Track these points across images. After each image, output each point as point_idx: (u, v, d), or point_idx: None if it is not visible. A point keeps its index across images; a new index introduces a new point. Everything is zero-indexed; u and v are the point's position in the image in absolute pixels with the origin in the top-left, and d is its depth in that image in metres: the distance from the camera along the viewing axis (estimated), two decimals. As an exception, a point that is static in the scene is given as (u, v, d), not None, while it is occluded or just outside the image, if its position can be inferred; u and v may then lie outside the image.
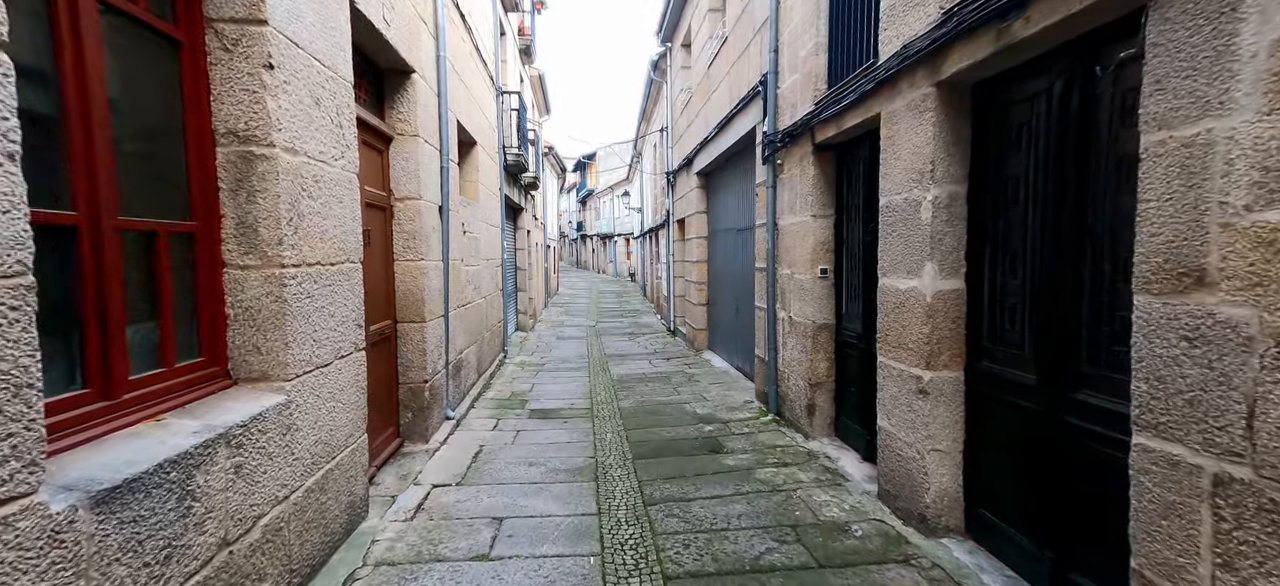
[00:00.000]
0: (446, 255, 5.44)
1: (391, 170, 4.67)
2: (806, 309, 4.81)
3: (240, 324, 2.45)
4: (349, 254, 3.17)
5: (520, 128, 10.75)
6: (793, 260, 5.08)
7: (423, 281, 4.80)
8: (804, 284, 4.85)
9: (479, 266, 7.43)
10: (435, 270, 5.15)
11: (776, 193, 5.49)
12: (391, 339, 4.67)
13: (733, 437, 5.09)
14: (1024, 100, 2.60)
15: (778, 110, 5.40)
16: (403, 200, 4.71)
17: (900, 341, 3.24)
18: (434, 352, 5.05)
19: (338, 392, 3.01)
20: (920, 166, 3.02)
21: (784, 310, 5.36)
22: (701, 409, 6.16)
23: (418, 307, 4.79)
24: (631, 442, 5.04)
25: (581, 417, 5.92)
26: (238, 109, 2.39)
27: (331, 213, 2.96)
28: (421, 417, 4.84)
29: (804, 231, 4.81)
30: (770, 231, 5.53)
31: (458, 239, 6.07)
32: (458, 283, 6.07)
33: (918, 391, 3.07)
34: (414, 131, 4.70)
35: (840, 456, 4.36)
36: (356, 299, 3.28)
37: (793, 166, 5.05)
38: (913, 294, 3.11)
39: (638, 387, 7.34)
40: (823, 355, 4.74)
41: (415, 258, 4.77)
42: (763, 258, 5.96)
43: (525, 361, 9.51)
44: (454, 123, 5.96)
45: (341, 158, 3.10)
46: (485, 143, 8.06)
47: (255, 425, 2.24)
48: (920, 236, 3.03)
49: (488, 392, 7.14)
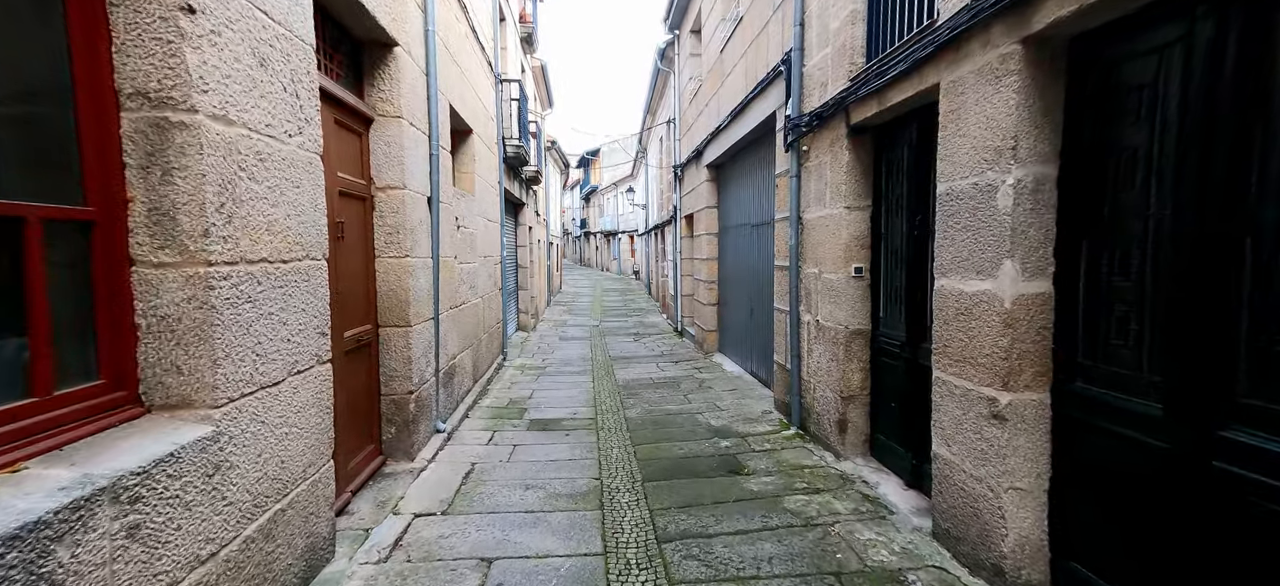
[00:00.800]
0: (436, 251, 4.93)
1: (371, 156, 4.16)
2: (837, 312, 4.28)
3: (154, 337, 1.94)
4: (309, 249, 2.66)
5: (521, 118, 10.23)
6: (820, 258, 4.55)
7: (408, 281, 4.29)
8: (834, 284, 4.32)
9: (475, 264, 6.92)
10: (423, 268, 4.64)
11: (801, 183, 4.95)
12: (372, 345, 4.16)
13: (753, 455, 4.57)
14: (1147, 53, 2.06)
15: (803, 91, 4.86)
16: (385, 190, 4.20)
17: (965, 355, 2.71)
18: (421, 360, 4.54)
19: (292, 416, 2.50)
20: (997, 143, 2.48)
21: (809, 313, 4.83)
22: (716, 420, 5.64)
23: (402, 310, 4.28)
24: (640, 460, 4.52)
25: (585, 429, 5.40)
26: (148, 63, 1.88)
27: (283, 199, 2.44)
28: (406, 433, 4.33)
29: (835, 225, 4.27)
30: (793, 226, 5.00)
31: (450, 234, 5.56)
32: (450, 282, 5.56)
33: (991, 416, 2.54)
34: (397, 112, 4.18)
35: (879, 481, 3.83)
36: (319, 302, 2.77)
37: (821, 153, 4.51)
38: (984, 298, 2.58)
39: (645, 394, 6.82)
40: (856, 365, 4.21)
41: (399, 254, 4.25)
42: (784, 255, 5.43)
43: (525, 364, 9.00)
44: (445, 107, 5.44)
45: (298, 134, 2.59)
46: (482, 132, 7.55)
47: (163, 469, 1.73)
48: (996, 229, 2.50)
49: (484, 400, 6.63)
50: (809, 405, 4.88)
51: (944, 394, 2.90)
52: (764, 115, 6.10)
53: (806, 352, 4.92)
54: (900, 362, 3.79)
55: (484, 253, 7.55)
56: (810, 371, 4.84)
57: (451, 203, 5.63)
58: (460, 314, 6.02)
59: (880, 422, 4.14)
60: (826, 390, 4.49)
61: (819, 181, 4.58)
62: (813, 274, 4.73)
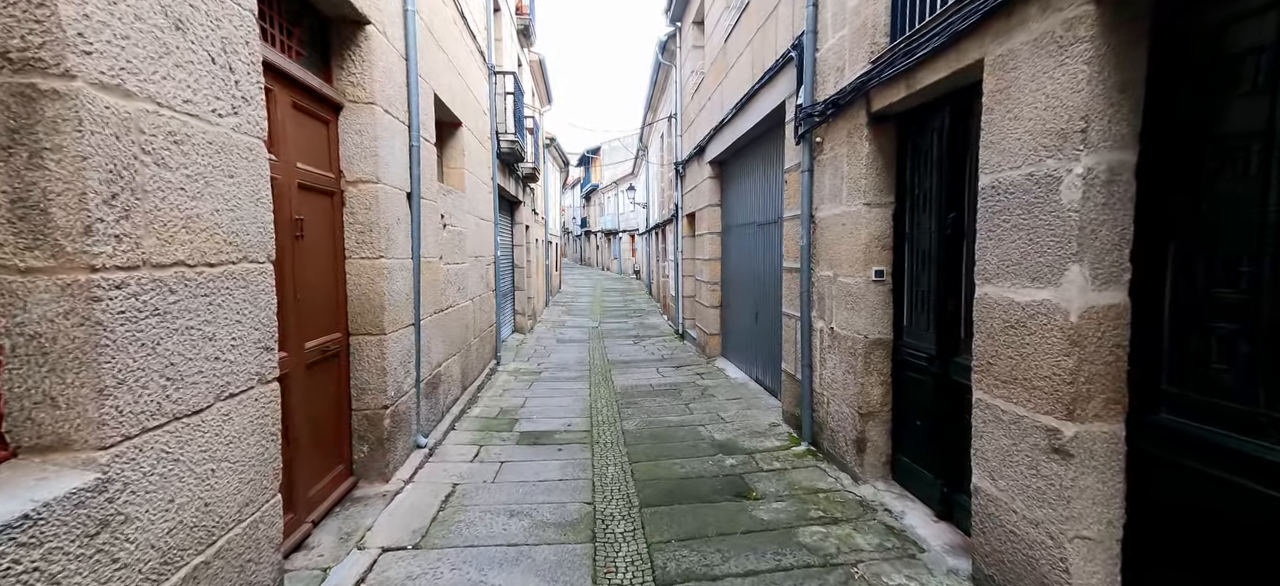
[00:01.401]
0: (417, 251, 4.53)
1: (341, 146, 3.76)
2: (855, 320, 3.88)
3: (21, 361, 1.55)
4: (247, 249, 2.27)
5: (516, 113, 9.84)
6: (836, 259, 4.15)
7: (382, 284, 3.89)
8: (852, 289, 3.92)
9: (465, 264, 6.53)
10: (401, 270, 4.24)
11: (813, 178, 4.55)
12: (341, 356, 3.77)
13: (762, 476, 4.17)
14: (1265, 8, 1.66)
15: (816, 78, 4.46)
16: (356, 184, 3.80)
17: (1017, 375, 2.31)
18: (398, 370, 4.14)
19: (221, 448, 2.10)
20: (1061, 126, 2.08)
21: (822, 320, 4.43)
22: (720, 433, 5.24)
23: (376, 316, 3.89)
24: (638, 481, 4.12)
25: (579, 444, 5.01)
26: (8, 15, 1.48)
27: (211, 191, 2.05)
28: (381, 451, 3.94)
29: (853, 224, 3.87)
30: (805, 225, 4.60)
31: (434, 233, 5.16)
32: (434, 284, 5.17)
33: (1050, 450, 2.14)
34: (370, 98, 3.78)
35: (904, 511, 3.43)
36: (262, 311, 2.37)
37: (837, 145, 4.11)
38: (1043, 310, 2.18)
39: (644, 403, 6.42)
40: (876, 378, 3.80)
41: (372, 254, 3.86)
42: (793, 256, 5.03)
43: (520, 369, 8.61)
44: (429, 95, 5.05)
45: (233, 114, 2.19)
46: (474, 125, 7.15)
47: (13, 537, 1.33)
48: (1059, 227, 2.10)
49: (473, 409, 6.23)
50: (822, 420, 4.48)
51: (988, 419, 2.50)
52: (771, 106, 5.70)
53: (819, 362, 4.51)
54: (928, 378, 3.39)
55: (475, 252, 7.15)
56: (823, 383, 4.44)
57: (436, 199, 5.23)
58: (446, 318, 5.63)
59: (904, 443, 3.73)
60: (842, 405, 4.09)
61: (834, 176, 4.17)
62: (826, 277, 4.33)
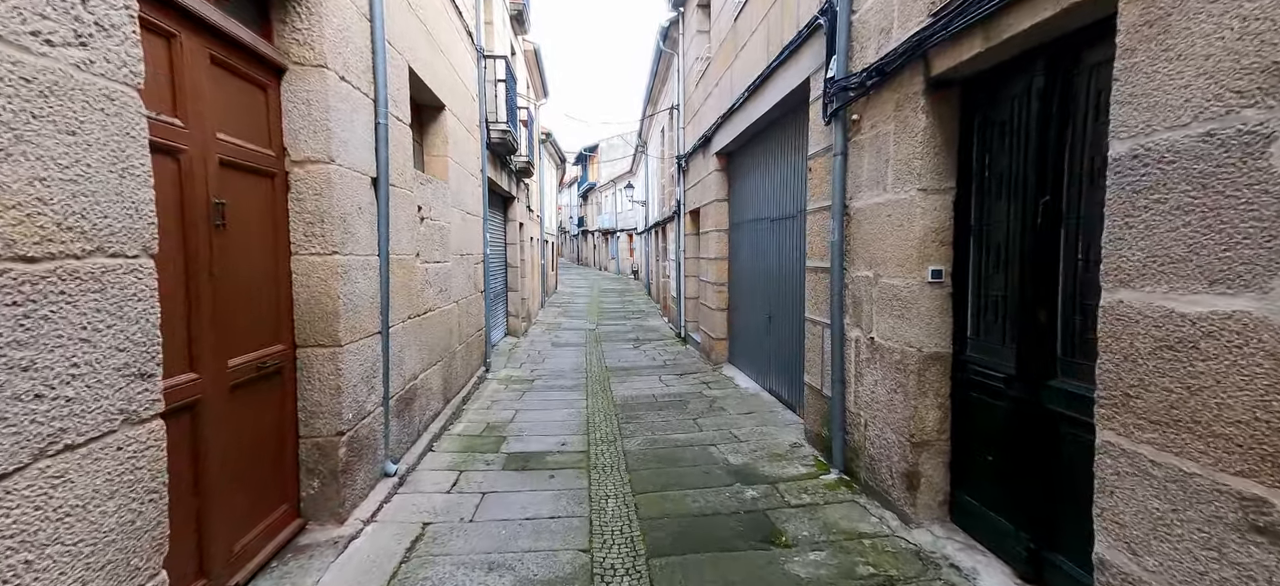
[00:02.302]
0: (386, 247, 3.87)
1: (285, 118, 3.10)
2: (905, 330, 3.23)
3: None
4: (104, 239, 1.61)
5: (509, 101, 9.17)
6: (878, 257, 3.51)
7: (337, 285, 3.23)
8: (900, 292, 3.28)
9: (448, 263, 5.87)
10: (364, 268, 3.58)
11: (848, 162, 3.91)
12: (286, 372, 3.11)
13: (790, 514, 3.52)
14: None
15: (852, 44, 3.81)
16: (304, 164, 3.14)
17: (1181, 416, 1.67)
18: (359, 387, 3.49)
19: (46, 528, 1.45)
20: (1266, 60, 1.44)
21: (858, 328, 3.78)
22: (735, 456, 4.59)
23: (329, 324, 3.23)
24: (643, 519, 3.48)
25: (574, 468, 4.35)
26: None
27: (25, 150, 1.39)
28: (334, 486, 3.28)
29: (902, 215, 3.23)
30: (836, 217, 3.95)
31: (409, 226, 4.51)
32: (409, 285, 4.51)
33: (1250, 528, 1.50)
34: (319, 60, 3.12)
35: (975, 568, 2.78)
36: (132, 325, 1.71)
37: (881, 121, 3.47)
38: (1233, 326, 1.54)
39: (647, 417, 5.77)
40: (932, 400, 3.16)
41: (324, 249, 3.20)
42: (819, 254, 4.39)
43: (511, 376, 7.95)
44: (402, 69, 4.39)
45: (76, 45, 1.53)
46: (460, 111, 6.49)
47: None
48: (1265, 207, 1.46)
49: (456, 425, 5.57)
50: (857, 444, 3.84)
51: (1124, 471, 1.85)
52: (792, 85, 5.05)
53: (853, 378, 3.87)
54: (1005, 403, 2.74)
55: (461, 249, 6.49)
56: (860, 401, 3.79)
57: (412, 188, 4.58)
58: (425, 324, 4.97)
59: (968, 481, 3.09)
60: (886, 430, 3.45)
61: (876, 158, 3.53)
62: (864, 278, 3.69)
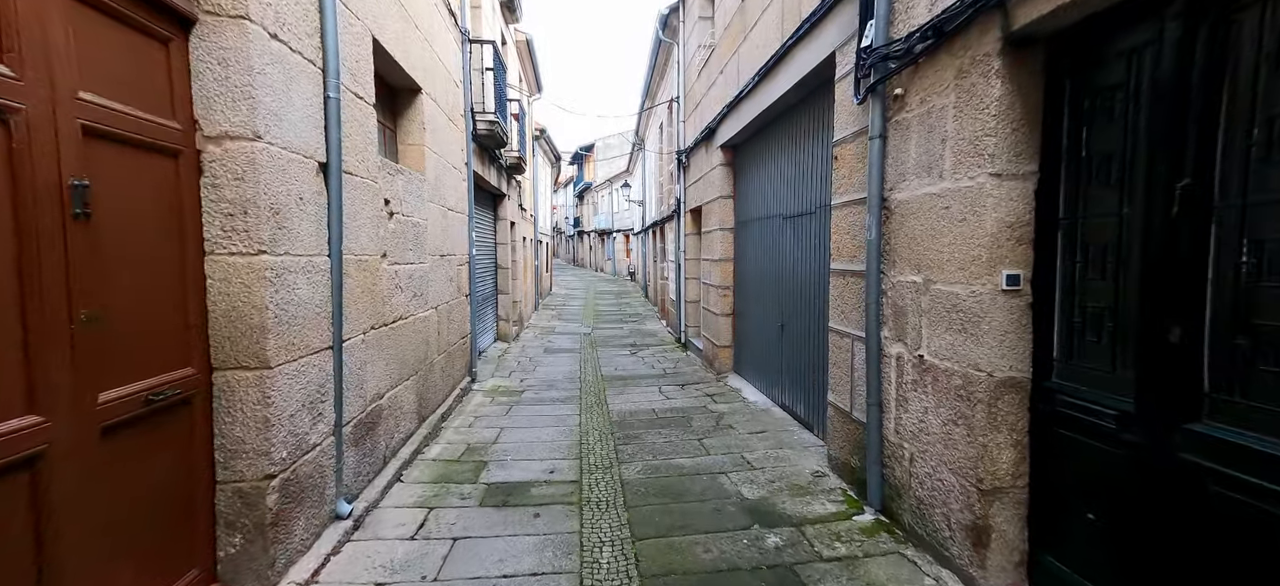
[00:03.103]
0: (338, 246, 3.24)
1: (195, 81, 2.46)
2: (969, 348, 2.62)
3: None
4: None
5: (498, 90, 8.54)
6: (930, 258, 2.90)
7: (265, 292, 2.60)
8: (961, 302, 2.67)
9: (425, 264, 5.24)
10: (308, 272, 2.95)
11: (887, 146, 3.30)
12: (197, 403, 2.47)
13: (825, 572, 2.89)
14: None
15: (892, 6, 3.20)
16: (221, 140, 2.50)
17: None
18: (299, 416, 2.85)
19: None
20: None
21: (902, 343, 3.17)
22: (750, 487, 3.97)
23: (255, 340, 2.59)
24: (646, 579, 2.85)
25: (563, 504, 3.73)
26: None
27: None
28: (262, 542, 2.63)
29: (966, 206, 2.62)
30: (873, 211, 3.34)
31: (373, 222, 3.87)
32: (373, 290, 3.87)
33: None
34: (240, 10, 2.48)
35: (1075, 657, 2.18)
36: None
37: (936, 92, 2.86)
38: None
39: (647, 437, 5.15)
40: (1006, 437, 2.55)
41: (249, 249, 2.56)
42: (849, 255, 3.78)
43: (499, 387, 7.31)
44: (365, 38, 3.76)
45: None
46: (441, 97, 5.86)
47: None
48: None
49: (432, 447, 4.93)
50: (900, 482, 3.22)
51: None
52: (813, 63, 4.44)
53: (894, 402, 3.26)
54: (1115, 448, 2.13)
55: (441, 249, 5.86)
56: (903, 431, 3.18)
57: (376, 178, 3.94)
58: (395, 334, 4.34)
59: (1059, 542, 2.46)
60: (941, 469, 2.83)
61: (927, 140, 2.92)
62: (910, 284, 3.08)
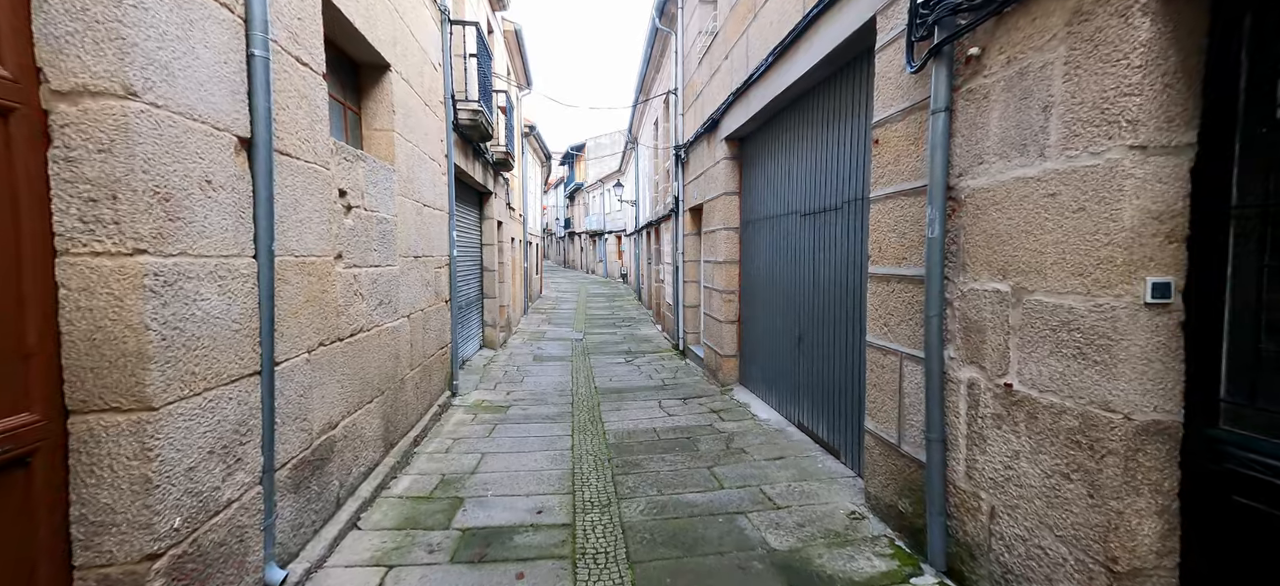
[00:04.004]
0: (268, 244, 2.55)
1: (37, 12, 1.78)
2: (1094, 379, 1.98)
3: None
4: None
5: (482, 78, 7.85)
6: (1025, 259, 2.26)
7: (144, 305, 1.90)
8: (1080, 317, 2.03)
9: (394, 267, 4.55)
10: (217, 278, 2.26)
11: (955, 122, 2.67)
12: (43, 461, 1.78)
13: (891, 664, 2.26)
14: None
15: (964, -53, 2.57)
16: (78, 97, 1.82)
17: None
18: (200, 470, 2.16)
19: None
20: None
21: (978, 367, 2.53)
22: (776, 534, 3.32)
23: (131, 372, 1.90)
24: (660, 675, 2.19)
25: (553, 557, 3.05)
26: None
27: None
28: (145, 644, 1.95)
29: (1088, 191, 1.98)
30: (937, 202, 2.70)
31: (323, 217, 3.18)
32: (323, 298, 3.18)
33: None
34: (105, -84, 1.81)
35: None
36: None
37: (1034, 48, 2.22)
38: None
39: (649, 464, 4.49)
40: (1147, 501, 1.91)
41: (122, 247, 1.87)
42: (893, 255, 3.14)
43: (482, 402, 6.61)
44: (308, -11, 3.08)
45: None
46: (413, 76, 5.17)
47: None
48: None
49: (399, 479, 4.24)
50: (974, 539, 2.58)
51: None
52: (845, 34, 3.81)
53: (966, 438, 2.61)
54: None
55: (415, 249, 5.17)
56: (981, 476, 2.54)
57: (329, 165, 3.26)
58: (354, 350, 3.64)
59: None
60: (1045, 534, 2.19)
61: (1019, 108, 2.28)
62: (991, 292, 2.44)
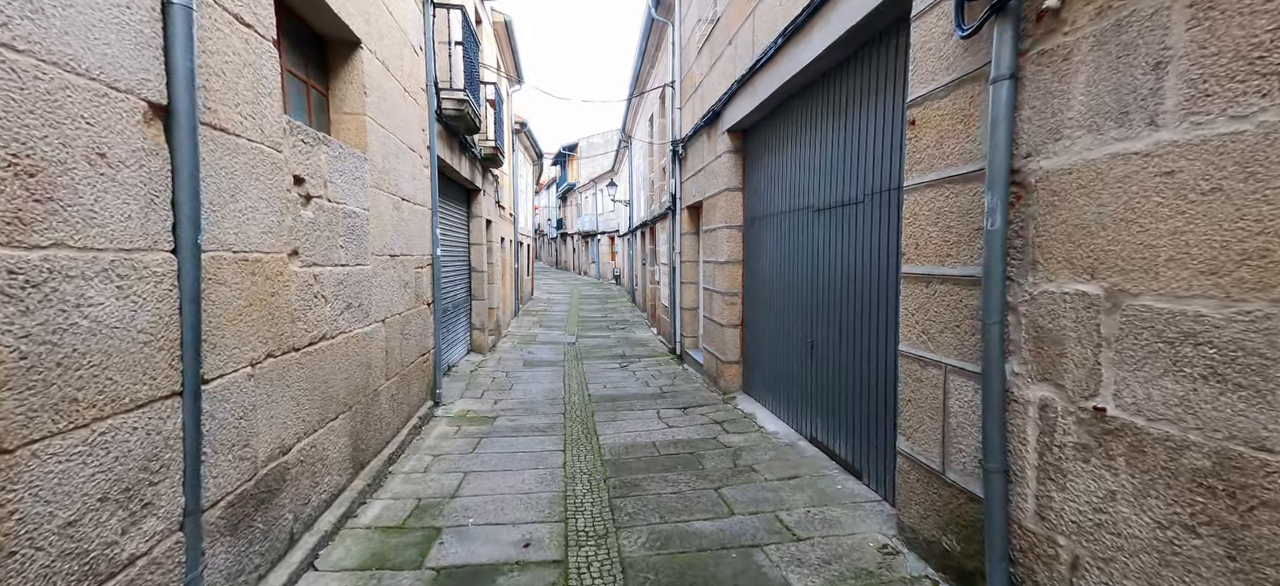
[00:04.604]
0: (192, 236, 2.08)
1: None
2: (1233, 407, 1.53)
3: None
4: None
5: (469, 66, 7.38)
6: (1121, 256, 1.82)
7: None
8: (1211, 327, 1.59)
9: (366, 266, 4.08)
10: (118, 277, 1.79)
11: (1020, 91, 2.24)
12: None
13: None
14: None
15: (1035, -118, 2.14)
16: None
17: None
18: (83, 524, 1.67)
19: None
20: None
21: (1050, 383, 2.10)
22: (799, 574, 2.87)
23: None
24: None
25: (541, 610, 2.60)
26: None
27: None
28: None
29: (1225, 166, 1.55)
30: (999, 187, 2.27)
31: (273, 207, 2.71)
32: (271, 302, 2.71)
33: None
34: None
35: None
36: None
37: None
38: None
39: (650, 485, 4.04)
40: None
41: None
42: (934, 252, 2.71)
43: (467, 412, 6.14)
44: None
45: None
46: (389, 57, 4.70)
47: None
48: None
49: (370, 505, 3.76)
50: (1046, 591, 2.15)
51: None
52: (869, 7, 3.38)
53: (1037, 470, 2.18)
54: None
55: (392, 248, 4.70)
56: (1059, 518, 2.10)
57: (280, 146, 2.78)
58: (314, 361, 3.17)
59: None
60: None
61: (1117, 69, 1.85)
62: (1075, 295, 2.01)
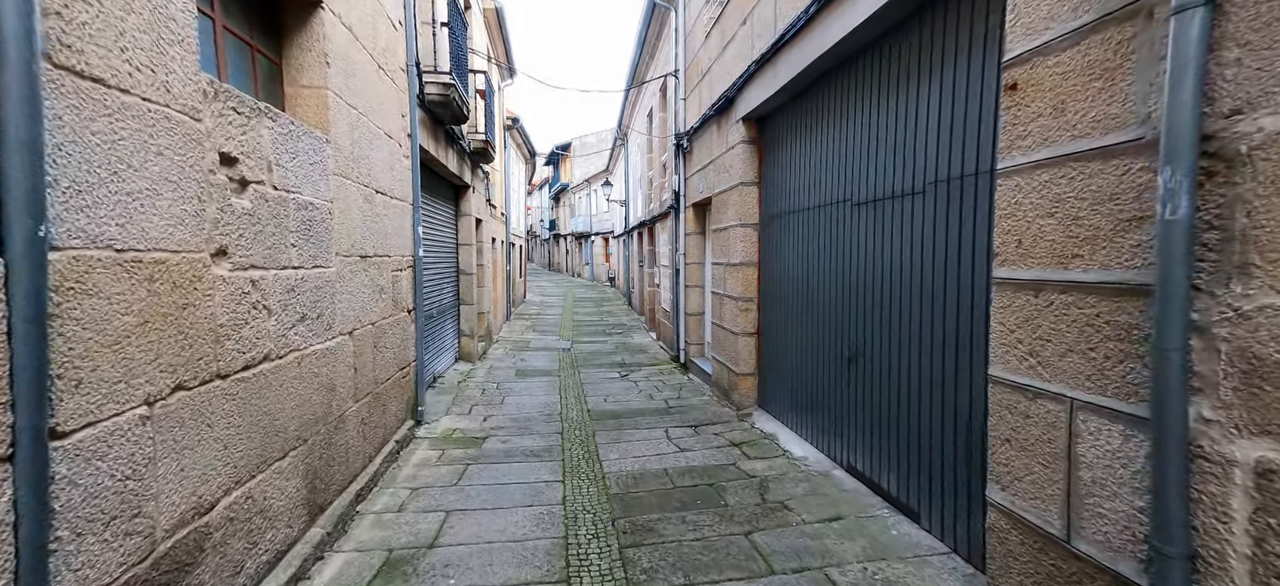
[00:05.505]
0: (28, 225, 1.39)
1: None
2: None
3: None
4: None
5: (455, 49, 6.69)
6: None
7: None
8: None
9: (328, 269, 3.38)
10: None
11: (1218, 24, 1.59)
12: None
13: None
14: None
15: None
16: None
17: None
18: None
19: None
20: None
21: (1269, 438, 1.46)
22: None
23: None
24: None
25: None
26: None
27: None
28: None
29: None
30: (1183, 160, 1.62)
31: (186, 190, 2.01)
32: (180, 316, 2.01)
33: None
34: None
35: None
36: None
37: None
38: None
39: (666, 529, 3.37)
40: None
41: None
42: (1047, 251, 2.05)
43: (453, 432, 5.44)
44: None
45: None
46: (358, 25, 4.00)
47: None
48: None
49: (328, 560, 3.06)
50: None
51: None
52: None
53: (1252, 561, 1.53)
54: None
55: (362, 248, 4.01)
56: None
57: (198, 112, 2.09)
58: (250, 389, 2.47)
59: None
60: None
61: None
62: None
